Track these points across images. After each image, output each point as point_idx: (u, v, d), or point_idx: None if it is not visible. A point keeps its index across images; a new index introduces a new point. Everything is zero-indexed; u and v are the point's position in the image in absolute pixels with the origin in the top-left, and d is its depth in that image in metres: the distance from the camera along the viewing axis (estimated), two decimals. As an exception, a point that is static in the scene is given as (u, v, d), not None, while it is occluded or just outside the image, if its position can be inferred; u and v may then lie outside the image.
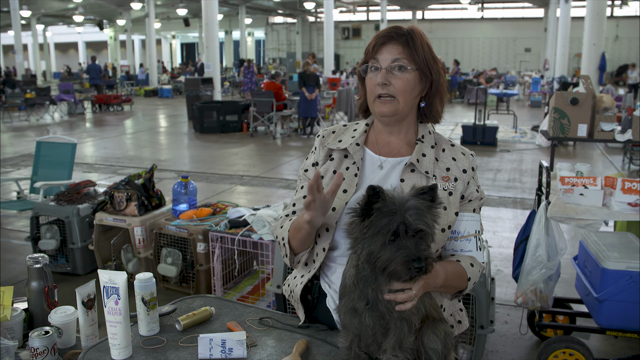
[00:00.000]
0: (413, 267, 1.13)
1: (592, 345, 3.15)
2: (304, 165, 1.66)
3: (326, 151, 1.61)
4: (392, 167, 1.55)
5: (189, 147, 10.82)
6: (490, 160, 8.99)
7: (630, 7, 27.62)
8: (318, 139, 1.65)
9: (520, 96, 19.59)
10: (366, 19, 35.55)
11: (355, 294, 1.26)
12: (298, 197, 1.63)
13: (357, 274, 1.25)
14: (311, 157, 1.65)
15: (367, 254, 1.17)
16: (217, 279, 3.59)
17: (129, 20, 30.29)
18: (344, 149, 1.58)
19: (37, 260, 1.73)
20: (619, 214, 2.74)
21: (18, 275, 4.24)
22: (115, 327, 1.42)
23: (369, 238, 1.17)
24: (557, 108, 3.27)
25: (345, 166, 1.57)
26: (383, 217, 1.15)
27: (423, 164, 1.51)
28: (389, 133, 1.58)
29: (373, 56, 1.49)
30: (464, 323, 1.64)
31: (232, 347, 1.40)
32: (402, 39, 1.47)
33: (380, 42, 1.48)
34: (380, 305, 1.23)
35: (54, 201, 4.26)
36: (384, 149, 1.58)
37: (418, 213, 1.16)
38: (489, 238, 5.05)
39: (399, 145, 1.57)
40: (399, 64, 1.46)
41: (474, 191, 1.56)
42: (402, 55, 1.46)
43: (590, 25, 12.59)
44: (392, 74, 1.46)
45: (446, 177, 1.52)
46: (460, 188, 1.52)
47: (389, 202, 1.16)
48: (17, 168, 8.55)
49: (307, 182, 1.61)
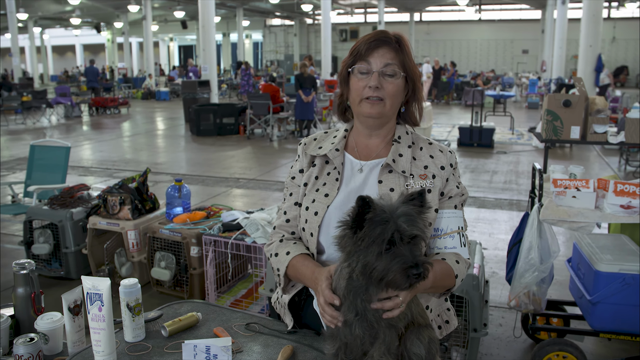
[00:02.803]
0: (412, 274, 1.13)
1: (586, 347, 3.14)
2: (291, 173, 1.68)
3: (309, 158, 1.63)
4: (371, 170, 1.56)
5: (186, 150, 10.80)
6: (486, 162, 8.99)
7: (627, 8, 27.67)
8: (300, 147, 1.67)
9: (518, 98, 19.61)
10: (364, 21, 35.55)
11: (345, 306, 1.25)
12: (288, 205, 1.64)
13: (348, 285, 1.24)
14: (296, 164, 1.67)
15: (362, 266, 1.16)
16: (210, 283, 3.58)
17: (127, 22, 30.30)
18: (324, 155, 1.60)
19: (23, 266, 1.72)
20: (612, 217, 2.73)
21: (11, 281, 4.20)
22: (99, 334, 1.41)
23: (363, 249, 1.15)
24: (550, 110, 3.27)
25: (326, 171, 1.59)
26: (376, 227, 1.14)
27: (399, 163, 1.52)
28: (369, 136, 1.60)
29: (364, 58, 1.50)
30: (452, 323, 1.64)
31: (217, 353, 1.38)
32: (393, 45, 1.50)
33: (373, 45, 1.49)
34: (369, 315, 1.23)
35: (48, 205, 4.24)
36: (364, 152, 1.60)
37: (410, 219, 1.16)
38: (484, 240, 5.04)
39: (377, 148, 1.59)
40: (392, 69, 1.49)
41: (454, 187, 1.56)
42: (394, 60, 1.49)
43: (586, 26, 12.60)
44: (383, 77, 1.48)
45: (423, 174, 1.53)
46: (438, 185, 1.53)
47: (379, 211, 1.15)
48: (13, 172, 8.53)
49: (295, 188, 1.64)
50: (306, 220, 1.55)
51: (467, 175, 7.92)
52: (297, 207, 1.61)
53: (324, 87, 15.94)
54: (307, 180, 1.60)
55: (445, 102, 19.93)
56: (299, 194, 1.62)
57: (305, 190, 1.60)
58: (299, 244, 1.58)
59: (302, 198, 1.60)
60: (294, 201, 1.62)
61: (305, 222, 1.56)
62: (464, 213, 1.59)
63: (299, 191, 1.62)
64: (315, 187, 1.58)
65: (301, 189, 1.61)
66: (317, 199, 1.55)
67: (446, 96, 20.04)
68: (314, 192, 1.57)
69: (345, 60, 1.56)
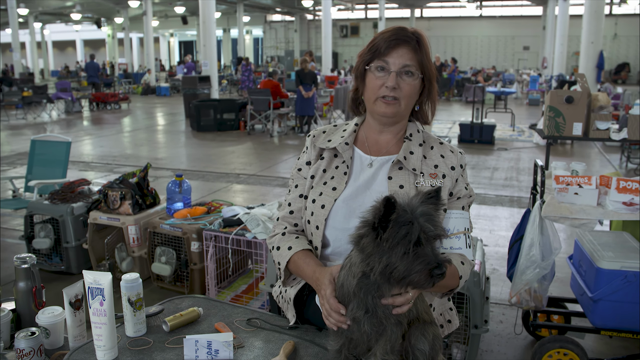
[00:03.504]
0: (436, 274, 1.13)
1: (587, 345, 3.14)
2: (297, 165, 1.66)
3: (317, 150, 1.62)
4: (381, 165, 1.56)
5: (186, 146, 10.79)
6: (487, 158, 8.98)
7: (629, 5, 27.57)
8: (309, 139, 1.66)
9: (519, 94, 19.58)
10: (364, 17, 35.49)
11: (354, 303, 1.25)
12: (293, 196, 1.63)
13: (359, 283, 1.23)
14: (303, 156, 1.66)
15: (383, 267, 1.15)
16: (210, 278, 3.57)
17: (127, 18, 30.21)
18: (333, 148, 1.58)
19: (25, 261, 1.71)
20: (614, 214, 2.72)
21: (12, 275, 4.20)
22: (100, 329, 1.40)
23: (387, 250, 1.14)
24: (552, 106, 3.26)
25: (335, 165, 1.58)
26: (400, 228, 1.13)
27: (410, 161, 1.52)
28: (380, 132, 1.59)
29: (383, 57, 1.48)
30: (454, 322, 1.64)
31: (218, 348, 1.38)
32: (412, 44, 1.48)
33: (393, 44, 1.47)
34: (378, 312, 1.23)
35: (48, 200, 4.24)
36: (374, 148, 1.59)
37: (430, 219, 1.16)
38: (485, 237, 5.04)
39: (388, 144, 1.58)
40: (409, 70, 1.47)
41: (463, 188, 1.56)
42: (412, 61, 1.48)
43: (588, 23, 12.57)
44: (400, 78, 1.47)
45: (434, 174, 1.53)
46: (448, 185, 1.53)
47: (402, 211, 1.15)
48: (14, 166, 8.52)
49: (301, 180, 1.63)
50: (312, 212, 1.54)
51: (467, 172, 7.89)
52: (301, 200, 1.60)
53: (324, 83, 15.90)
54: (314, 173, 1.59)
55: (446, 98, 19.90)
56: (304, 186, 1.61)
57: (312, 182, 1.58)
58: (301, 238, 1.57)
59: (308, 190, 1.59)
60: (299, 193, 1.61)
61: (312, 214, 1.54)
62: (470, 215, 1.59)
63: (304, 183, 1.61)
64: (323, 180, 1.57)
65: (308, 181, 1.60)
66: (324, 192, 1.54)
67: (447, 92, 20.01)
68: (321, 185, 1.56)
69: (363, 56, 1.53)
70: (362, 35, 35.24)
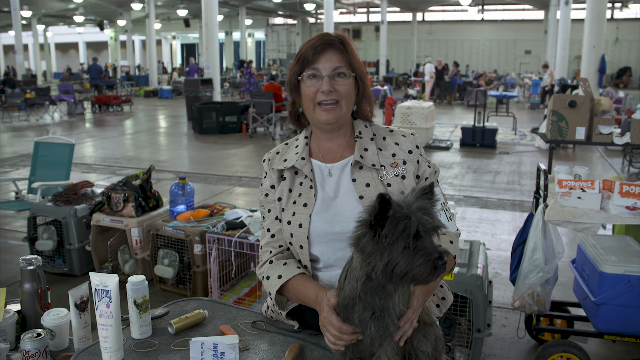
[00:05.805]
0: (438, 265, 1.13)
1: (590, 349, 3.14)
2: (262, 191, 1.64)
3: (277, 173, 1.61)
4: (341, 170, 1.56)
5: (188, 148, 10.81)
6: (489, 162, 8.98)
7: (631, 9, 27.62)
8: (265, 164, 1.64)
9: (520, 98, 19.58)
10: (366, 21, 35.53)
11: (360, 305, 1.25)
12: (269, 221, 1.61)
13: (364, 286, 1.23)
14: (266, 181, 1.64)
15: (384, 264, 1.15)
16: (213, 281, 3.58)
17: (130, 20, 30.30)
18: (291, 166, 1.58)
19: (30, 262, 1.72)
20: (617, 218, 2.73)
21: (15, 276, 4.22)
22: (106, 330, 1.41)
23: (387, 247, 1.14)
24: (555, 111, 3.26)
25: (298, 182, 1.58)
26: (398, 223, 1.13)
27: (367, 158, 1.52)
28: (329, 139, 1.59)
29: (312, 65, 1.49)
30: (448, 298, 1.65)
31: (224, 351, 1.38)
32: (337, 46, 1.50)
33: (319, 49, 1.49)
34: (386, 316, 1.23)
35: (52, 202, 4.25)
36: (328, 156, 1.59)
37: (427, 212, 1.16)
38: (488, 240, 5.03)
39: (340, 148, 1.59)
40: (340, 72, 1.49)
41: (426, 168, 1.58)
42: (341, 62, 1.49)
43: (590, 27, 12.58)
44: (334, 80, 1.48)
45: (394, 163, 1.54)
46: (411, 169, 1.54)
47: (398, 207, 1.15)
48: (16, 168, 8.54)
49: (272, 204, 1.61)
50: (291, 234, 1.53)
51: (469, 176, 7.91)
52: (278, 222, 1.59)
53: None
54: (280, 195, 1.58)
55: (448, 102, 19.91)
56: (276, 209, 1.59)
57: (281, 205, 1.57)
58: (289, 263, 1.54)
59: (280, 213, 1.58)
60: (275, 216, 1.60)
61: (291, 236, 1.53)
62: (441, 189, 1.59)
63: (275, 206, 1.60)
64: (292, 200, 1.55)
65: (277, 204, 1.59)
66: (297, 211, 1.53)
67: (448, 96, 20.02)
68: (291, 205, 1.55)
69: (293, 69, 1.53)
70: (364, 38, 35.27)
